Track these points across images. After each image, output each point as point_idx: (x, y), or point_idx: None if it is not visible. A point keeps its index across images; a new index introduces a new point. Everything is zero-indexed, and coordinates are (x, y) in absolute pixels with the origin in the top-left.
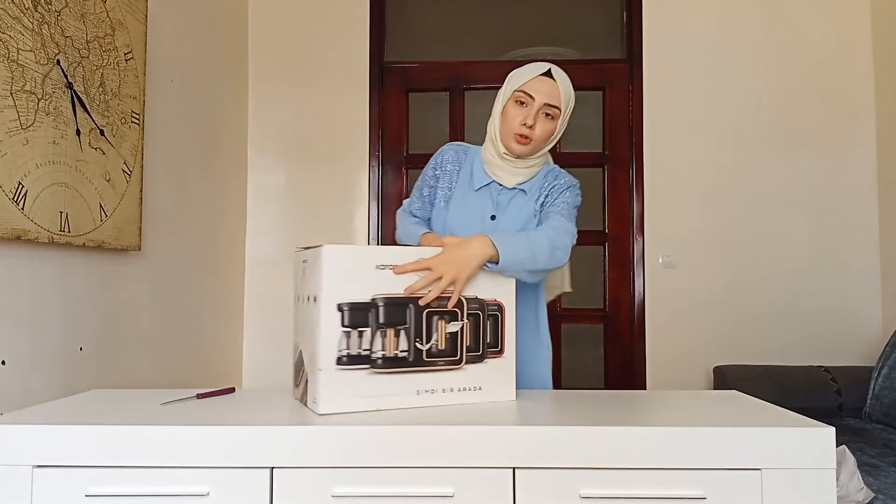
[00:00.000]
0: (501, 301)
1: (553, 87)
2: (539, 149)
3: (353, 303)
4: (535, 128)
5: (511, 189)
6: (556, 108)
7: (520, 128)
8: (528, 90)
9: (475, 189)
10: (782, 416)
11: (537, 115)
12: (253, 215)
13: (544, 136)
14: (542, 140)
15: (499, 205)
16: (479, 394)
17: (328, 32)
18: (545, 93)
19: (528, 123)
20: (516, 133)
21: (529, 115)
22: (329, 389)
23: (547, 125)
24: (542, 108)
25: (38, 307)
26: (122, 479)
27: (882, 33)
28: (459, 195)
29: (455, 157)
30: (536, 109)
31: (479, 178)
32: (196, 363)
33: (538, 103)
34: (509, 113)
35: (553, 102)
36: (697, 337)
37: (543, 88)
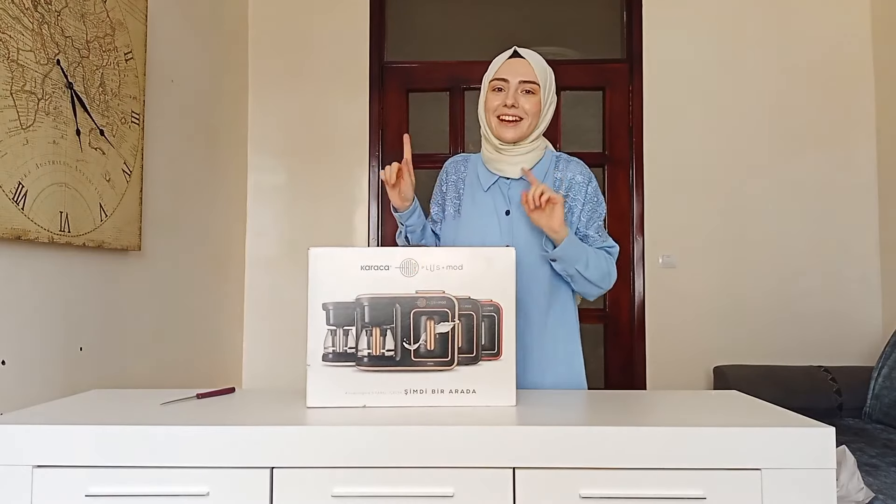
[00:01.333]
0: (499, 302)
1: (523, 64)
2: (532, 126)
3: (338, 302)
4: (519, 106)
5: (519, 180)
6: (533, 84)
7: (502, 109)
8: (501, 75)
9: (484, 190)
10: (782, 416)
11: (516, 94)
12: (253, 215)
13: (531, 111)
14: (531, 115)
15: (511, 200)
16: (472, 396)
17: (328, 32)
18: (517, 72)
19: (509, 103)
20: (500, 116)
21: (508, 95)
22: (316, 384)
23: (530, 100)
24: (518, 87)
25: (39, 307)
26: (122, 479)
27: (882, 33)
28: (469, 199)
29: (455, 169)
30: (514, 89)
31: (485, 178)
32: (196, 363)
33: (513, 83)
34: (490, 102)
35: (528, 78)
36: (697, 337)
37: (515, 68)
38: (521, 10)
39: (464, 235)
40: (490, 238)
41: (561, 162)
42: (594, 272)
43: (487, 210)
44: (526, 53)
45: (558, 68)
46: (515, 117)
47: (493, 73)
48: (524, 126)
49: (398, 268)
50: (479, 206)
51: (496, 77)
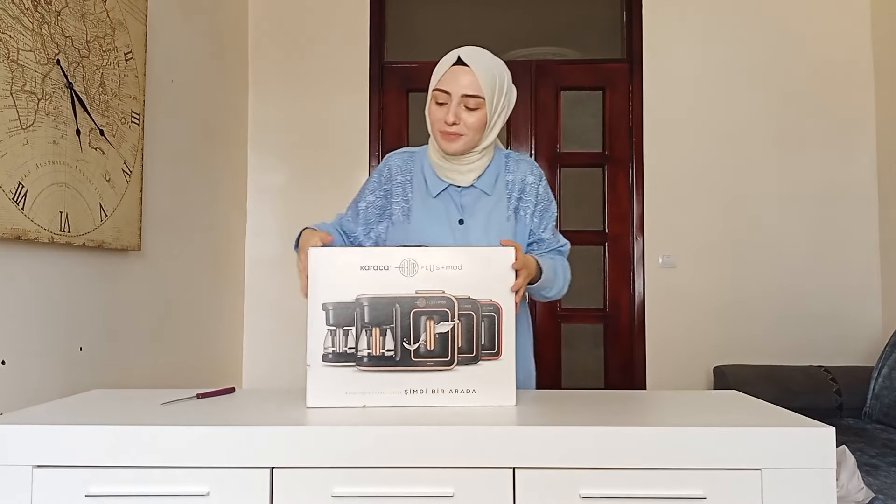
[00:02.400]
0: (498, 302)
1: (467, 74)
2: (475, 142)
3: (338, 302)
4: (461, 122)
5: (470, 188)
6: (477, 98)
7: (443, 126)
8: (442, 86)
9: (433, 196)
10: (782, 416)
11: (458, 110)
12: (253, 215)
13: (474, 126)
14: (475, 131)
15: (464, 207)
16: (472, 396)
17: (328, 32)
18: (460, 84)
19: (449, 120)
20: (441, 132)
21: (449, 112)
22: (316, 384)
23: (473, 115)
24: (460, 101)
25: (38, 307)
26: (122, 479)
27: (882, 33)
28: (419, 205)
29: (402, 167)
30: (455, 103)
31: (434, 184)
32: (196, 363)
33: (455, 97)
34: (432, 114)
35: (471, 92)
36: (697, 337)
37: (458, 79)
38: (521, 10)
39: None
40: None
41: (510, 162)
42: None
43: (439, 218)
44: (471, 60)
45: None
46: (456, 133)
47: (435, 83)
48: (465, 141)
49: (398, 268)
50: (429, 213)
51: (438, 87)
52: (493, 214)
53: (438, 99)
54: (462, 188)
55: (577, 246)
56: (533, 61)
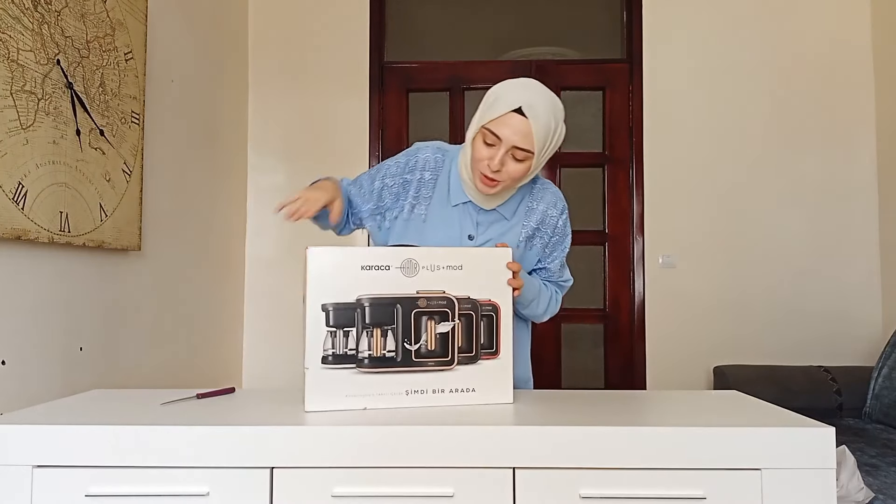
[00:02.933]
0: (497, 302)
1: (524, 124)
2: (513, 187)
3: (338, 303)
4: (503, 170)
5: (490, 211)
6: (527, 152)
7: (485, 168)
8: (495, 129)
9: (452, 205)
10: (782, 416)
11: (505, 157)
12: (253, 215)
13: (516, 176)
14: (515, 181)
15: (478, 224)
16: (472, 395)
17: (328, 32)
18: (514, 133)
19: (493, 167)
20: (482, 173)
21: (496, 156)
22: (314, 388)
23: (518, 166)
24: (510, 150)
25: (39, 307)
26: (122, 479)
27: (882, 33)
28: (437, 209)
29: (433, 165)
30: (504, 151)
31: (456, 195)
32: (196, 363)
33: (506, 144)
34: (477, 150)
35: (523, 145)
36: (697, 337)
37: (513, 127)
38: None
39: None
40: None
41: (536, 189)
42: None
43: (453, 230)
44: (532, 112)
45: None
46: (495, 181)
47: (487, 120)
48: (503, 186)
49: (399, 268)
50: (445, 222)
51: (489, 128)
52: (506, 238)
53: (487, 139)
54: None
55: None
56: (533, 61)
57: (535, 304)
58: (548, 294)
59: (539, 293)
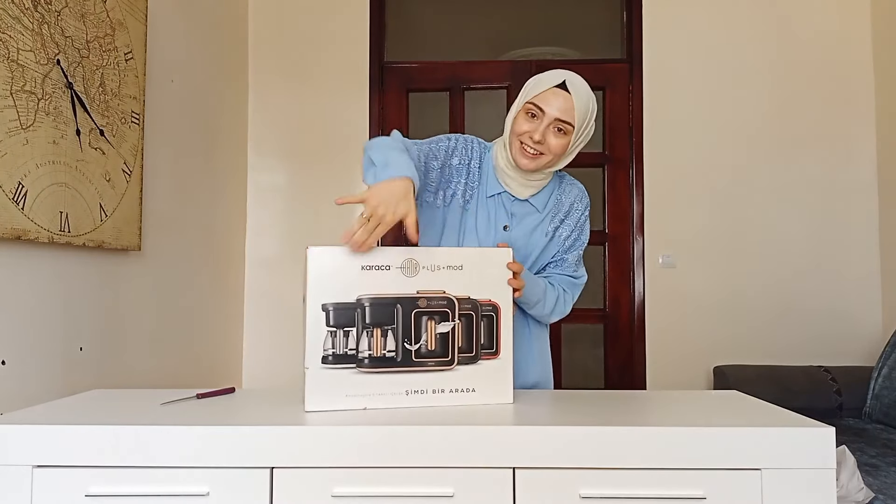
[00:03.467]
0: (497, 301)
1: (567, 100)
2: (553, 163)
3: (338, 303)
4: (545, 143)
5: (523, 201)
6: (568, 124)
7: (528, 140)
8: (539, 102)
9: (488, 196)
10: (782, 416)
11: (546, 130)
12: (253, 215)
13: (557, 150)
14: (555, 155)
15: (513, 215)
16: (472, 395)
17: (328, 32)
18: (557, 107)
19: (535, 138)
20: (524, 146)
21: (538, 129)
22: (314, 388)
23: (559, 140)
24: (552, 123)
25: (38, 307)
26: (122, 479)
27: (882, 33)
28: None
29: (480, 157)
30: (546, 124)
31: (492, 185)
32: (196, 363)
33: (549, 118)
34: (519, 125)
35: (565, 118)
36: (697, 337)
37: (556, 102)
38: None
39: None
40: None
41: (565, 184)
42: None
43: (490, 220)
44: (574, 87)
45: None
46: (537, 152)
47: (532, 96)
48: (543, 161)
49: (399, 268)
50: (482, 211)
51: (533, 101)
52: (537, 230)
53: (530, 111)
54: (515, 199)
55: None
56: (533, 61)
57: (541, 304)
58: (554, 294)
59: (545, 294)
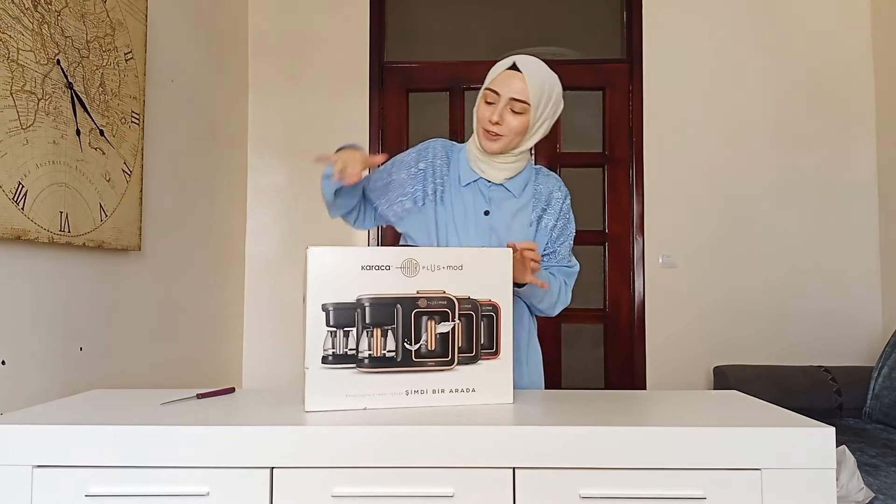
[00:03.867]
0: (497, 302)
1: (519, 80)
2: (514, 144)
3: (338, 303)
4: (504, 123)
5: (499, 185)
6: (523, 103)
7: (486, 124)
8: (495, 87)
9: (463, 185)
10: (782, 416)
11: (504, 111)
12: (253, 215)
13: (516, 129)
14: (514, 134)
15: (491, 200)
16: (472, 395)
17: (328, 32)
18: (510, 87)
19: (493, 120)
20: (484, 130)
21: (495, 111)
22: (314, 388)
23: (516, 119)
24: (507, 104)
25: (38, 307)
26: (122, 479)
27: (882, 33)
28: (451, 191)
29: (444, 153)
30: (503, 105)
31: (466, 174)
32: (196, 363)
33: (504, 99)
34: (480, 112)
35: (518, 97)
36: (697, 337)
37: (509, 83)
38: (521, 10)
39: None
40: (466, 236)
41: (541, 176)
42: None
43: (467, 207)
44: (525, 67)
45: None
46: (497, 133)
47: (488, 83)
48: (504, 141)
49: (399, 268)
50: (458, 201)
51: (489, 87)
52: (518, 216)
53: (488, 98)
54: (491, 184)
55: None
56: None
57: (550, 294)
58: (557, 284)
59: (550, 283)
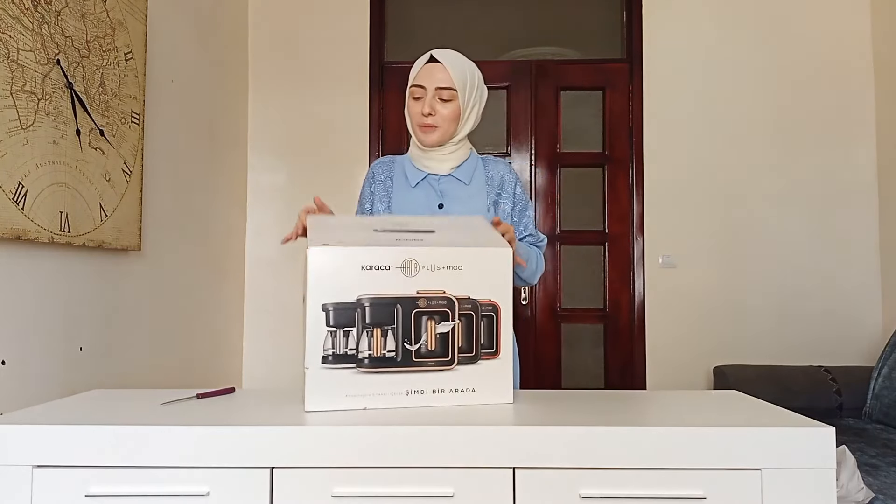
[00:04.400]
0: (497, 301)
1: (440, 70)
2: (450, 132)
3: (338, 303)
4: (436, 113)
5: (447, 176)
6: (449, 90)
7: (420, 118)
8: (419, 82)
9: (412, 186)
10: (782, 416)
11: (433, 102)
12: (253, 215)
13: (448, 117)
14: (448, 122)
15: (444, 193)
16: (472, 395)
17: (328, 32)
18: (433, 78)
19: (425, 112)
20: (419, 125)
21: (425, 104)
22: (314, 388)
23: (447, 106)
24: (434, 94)
25: (38, 307)
26: (122, 479)
27: (882, 33)
28: (399, 196)
29: (382, 168)
30: (430, 97)
31: (414, 175)
32: (196, 363)
33: (430, 90)
34: (411, 110)
35: (443, 84)
36: (697, 337)
37: (431, 74)
38: (521, 10)
39: None
40: None
41: (489, 163)
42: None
43: (419, 204)
44: (443, 57)
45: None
46: (431, 125)
47: (412, 80)
48: (441, 132)
49: (399, 268)
50: (410, 202)
51: (414, 83)
52: (473, 203)
53: (415, 94)
54: (440, 176)
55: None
56: (533, 61)
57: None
58: (534, 252)
59: (528, 252)
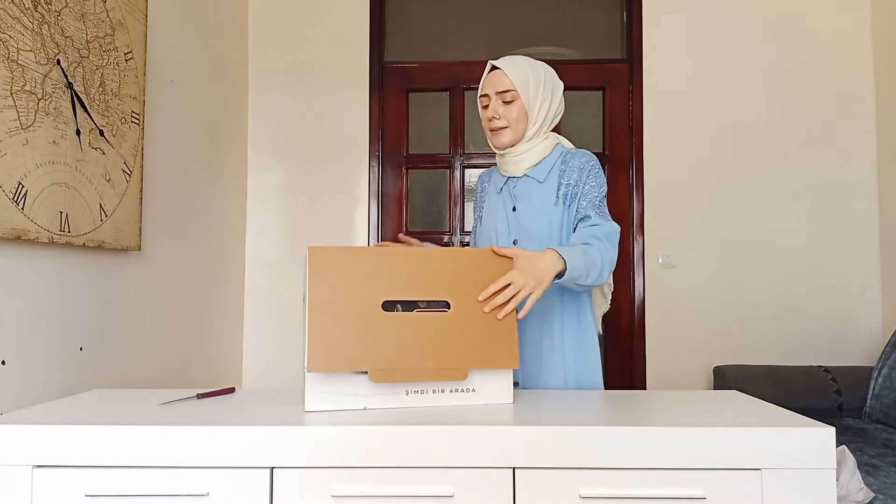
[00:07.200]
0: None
1: (499, 76)
2: (520, 132)
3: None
4: (501, 116)
5: (523, 178)
6: (510, 92)
7: (488, 124)
8: (483, 91)
9: (497, 192)
10: (782, 416)
11: (496, 106)
12: (253, 215)
13: (513, 117)
14: (515, 122)
15: (517, 196)
16: (472, 395)
17: (328, 32)
18: (495, 84)
19: (489, 116)
20: (489, 130)
21: (490, 109)
22: (314, 388)
23: (511, 108)
24: (497, 99)
25: (38, 307)
26: (122, 479)
27: (882, 33)
28: (488, 204)
29: (481, 182)
30: (494, 101)
31: (498, 181)
32: (196, 363)
33: (493, 97)
34: (483, 118)
35: (503, 88)
36: (697, 337)
37: (493, 82)
38: (521, 10)
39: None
40: (500, 234)
41: (569, 156)
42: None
43: (499, 209)
44: (502, 63)
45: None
46: (499, 127)
47: (480, 91)
48: (510, 133)
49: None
50: (493, 208)
51: (481, 94)
52: (544, 200)
53: (483, 103)
54: (517, 178)
55: None
56: None
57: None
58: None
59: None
